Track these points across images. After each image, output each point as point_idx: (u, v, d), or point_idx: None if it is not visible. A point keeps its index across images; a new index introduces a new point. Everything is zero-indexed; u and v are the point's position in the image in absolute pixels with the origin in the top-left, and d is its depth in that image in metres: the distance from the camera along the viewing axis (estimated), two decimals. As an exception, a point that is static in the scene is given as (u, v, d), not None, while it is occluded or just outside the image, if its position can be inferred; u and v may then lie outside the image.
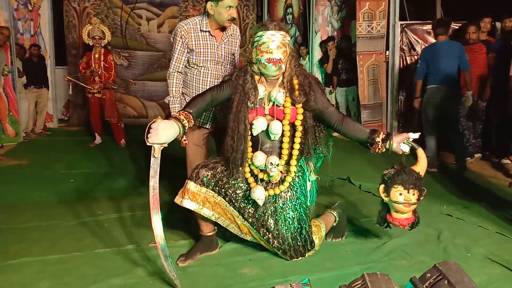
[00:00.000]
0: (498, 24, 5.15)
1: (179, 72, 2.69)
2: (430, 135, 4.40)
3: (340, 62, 6.57)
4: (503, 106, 4.43)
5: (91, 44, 5.80)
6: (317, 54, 7.28)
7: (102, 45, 5.83)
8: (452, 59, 4.24)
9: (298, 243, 2.29)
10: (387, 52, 6.01)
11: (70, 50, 7.84)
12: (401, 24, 5.90)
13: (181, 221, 2.66)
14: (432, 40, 5.91)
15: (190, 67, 2.71)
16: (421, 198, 2.24)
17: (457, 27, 5.75)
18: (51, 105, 7.56)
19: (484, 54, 4.59)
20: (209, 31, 2.66)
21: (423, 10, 6.75)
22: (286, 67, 2.26)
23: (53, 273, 2.17)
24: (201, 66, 2.67)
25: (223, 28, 2.69)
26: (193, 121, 2.09)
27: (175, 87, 2.71)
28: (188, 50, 2.66)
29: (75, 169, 4.58)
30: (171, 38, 2.75)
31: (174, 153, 2.67)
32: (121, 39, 7.95)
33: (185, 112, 2.08)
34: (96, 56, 5.74)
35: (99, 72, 5.72)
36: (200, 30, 2.65)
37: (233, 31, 2.78)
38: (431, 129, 4.42)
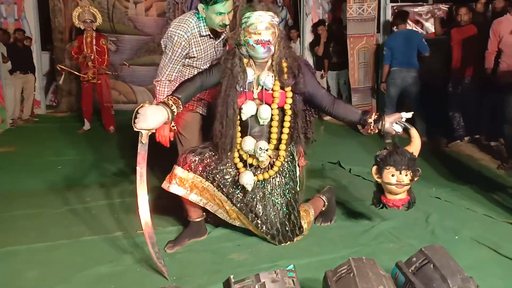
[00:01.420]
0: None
1: (170, 80, 2.54)
2: (390, 111, 4.84)
3: (331, 45, 6.51)
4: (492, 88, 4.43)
5: (82, 28, 5.65)
6: (308, 37, 7.20)
7: (94, 28, 5.69)
8: (411, 45, 4.93)
9: (287, 228, 2.29)
10: (378, 34, 5.96)
11: (56, 35, 7.66)
12: (392, 6, 5.84)
13: (169, 208, 2.64)
14: (422, 21, 5.90)
15: (187, 67, 2.59)
16: (416, 179, 2.22)
17: (446, 8, 5.73)
18: (38, 90, 7.41)
19: (475, 36, 4.55)
20: (208, 35, 2.52)
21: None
22: (275, 49, 2.21)
23: (40, 262, 2.16)
24: (201, 68, 2.55)
25: None
26: (181, 106, 2.04)
27: (164, 96, 2.50)
28: (188, 57, 2.53)
29: (64, 156, 4.53)
30: (163, 43, 2.54)
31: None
32: (108, 23, 7.76)
33: (174, 97, 2.04)
34: (88, 40, 5.61)
35: (92, 57, 5.60)
36: (200, 35, 2.51)
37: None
38: (391, 106, 5.08)
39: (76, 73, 5.82)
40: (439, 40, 5.42)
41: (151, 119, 1.89)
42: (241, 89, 2.24)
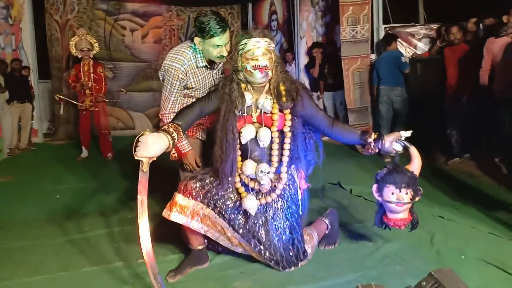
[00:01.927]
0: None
1: (175, 112, 2.48)
2: (384, 129, 5.25)
3: (326, 67, 6.59)
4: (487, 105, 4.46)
5: (79, 57, 5.70)
6: (303, 59, 7.29)
7: (91, 56, 5.75)
8: (393, 65, 5.30)
9: (291, 253, 2.25)
10: (372, 55, 6.04)
11: (54, 64, 7.73)
12: (385, 27, 5.94)
13: (170, 235, 2.59)
14: (415, 42, 6.00)
15: (187, 97, 2.57)
16: (417, 198, 2.19)
17: (436, 28, 5.83)
18: (36, 119, 7.42)
19: (467, 54, 4.62)
20: (205, 65, 2.51)
21: (406, 13, 6.82)
22: (272, 74, 2.23)
23: (38, 297, 2.10)
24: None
25: None
26: (182, 133, 2.04)
27: None
28: (186, 88, 2.51)
29: (62, 184, 4.49)
30: (161, 76, 2.52)
31: (164, 164, 2.61)
32: (105, 51, 7.87)
33: (174, 124, 2.03)
34: (85, 68, 5.66)
35: (90, 85, 5.63)
36: (197, 67, 2.49)
37: None
38: (384, 124, 5.43)
39: (74, 101, 5.83)
40: (432, 59, 5.51)
41: (152, 147, 1.88)
42: (240, 113, 2.24)
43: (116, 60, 8.01)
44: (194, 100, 2.50)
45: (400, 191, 2.16)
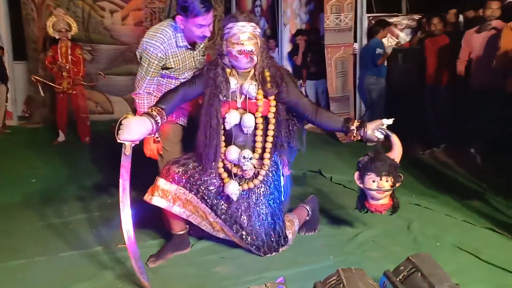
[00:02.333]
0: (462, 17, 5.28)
1: (149, 93, 2.44)
2: (367, 113, 5.60)
3: (309, 55, 6.59)
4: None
5: (57, 38, 5.51)
6: (286, 47, 7.26)
7: (69, 37, 5.57)
8: (370, 54, 5.53)
9: (272, 239, 2.27)
10: (355, 44, 6.06)
11: (30, 44, 7.47)
12: (368, 17, 5.97)
13: (150, 220, 2.56)
14: (397, 32, 6.05)
15: (165, 78, 2.50)
16: (397, 185, 2.23)
17: (418, 18, 5.90)
18: (11, 102, 7.18)
19: (447, 45, 4.69)
20: (186, 45, 2.43)
21: (389, 3, 6.84)
22: (257, 59, 2.21)
23: (16, 280, 2.06)
24: (179, 78, 2.49)
25: None
26: (165, 117, 2.02)
27: (144, 109, 2.41)
28: (165, 67, 2.42)
29: (38, 168, 4.38)
30: (138, 54, 2.41)
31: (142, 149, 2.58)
32: (84, 32, 7.64)
33: (158, 108, 2.00)
34: (63, 49, 5.48)
35: (67, 67, 5.47)
36: (177, 46, 2.40)
37: None
38: (366, 109, 5.80)
39: (51, 84, 5.65)
40: (413, 49, 5.58)
41: (135, 130, 1.85)
42: (224, 99, 2.22)
43: (95, 42, 7.80)
44: (172, 81, 2.47)
45: (381, 179, 2.20)
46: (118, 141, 1.86)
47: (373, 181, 2.21)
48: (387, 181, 2.20)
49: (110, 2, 7.85)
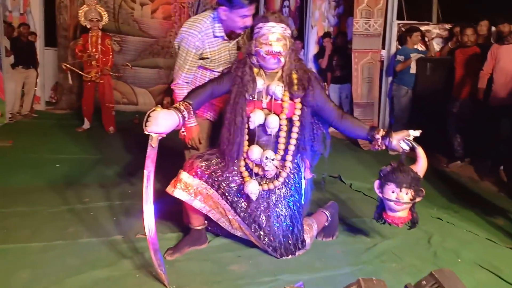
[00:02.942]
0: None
1: (188, 83, 2.46)
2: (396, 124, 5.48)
3: (334, 59, 6.53)
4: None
5: (88, 27, 5.63)
6: (312, 48, 7.22)
7: (100, 27, 5.67)
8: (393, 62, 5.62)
9: (289, 241, 2.26)
10: (382, 51, 5.98)
11: (61, 32, 7.63)
12: (398, 24, 5.88)
13: (169, 213, 2.59)
14: (427, 41, 5.93)
15: (200, 69, 2.51)
16: (418, 199, 2.18)
17: (449, 28, 5.77)
18: (40, 87, 7.35)
19: (478, 58, 4.58)
20: (222, 36, 2.45)
21: (420, 11, 6.74)
22: (285, 61, 2.21)
23: (34, 262, 2.10)
24: (214, 70, 2.50)
25: None
26: (192, 112, 2.04)
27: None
28: (201, 57, 2.45)
29: (62, 153, 4.47)
30: (176, 43, 2.45)
31: (168, 142, 2.60)
32: (114, 23, 7.75)
33: (185, 102, 2.03)
34: (93, 39, 5.59)
35: (97, 56, 5.57)
36: (214, 36, 2.43)
37: None
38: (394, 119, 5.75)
39: (80, 72, 5.77)
40: (443, 60, 5.46)
41: (162, 123, 1.88)
42: (250, 98, 2.22)
43: (124, 33, 7.90)
44: (207, 72, 2.49)
45: (401, 191, 2.15)
46: (146, 132, 1.89)
47: (392, 192, 2.17)
48: (407, 193, 2.15)
49: (141, -5, 7.95)
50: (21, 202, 2.93)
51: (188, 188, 2.15)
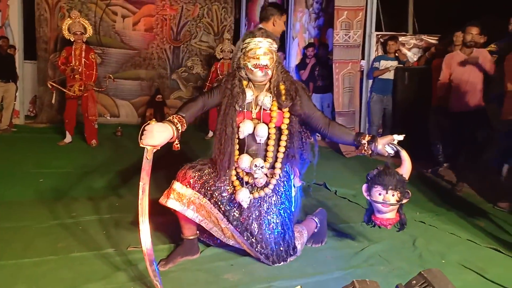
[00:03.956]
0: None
1: None
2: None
3: (316, 69, 6.67)
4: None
5: (72, 40, 5.60)
6: (293, 60, 7.36)
7: (84, 40, 5.65)
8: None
9: (281, 248, 2.31)
10: (362, 61, 6.16)
11: (41, 44, 7.56)
12: (377, 35, 6.07)
13: (161, 225, 2.60)
14: (405, 51, 6.14)
15: None
16: (405, 201, 2.26)
17: (427, 39, 5.99)
18: (19, 100, 7.24)
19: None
20: None
21: (397, 22, 6.95)
22: (272, 73, 2.30)
23: (28, 277, 2.08)
24: None
25: None
26: (185, 125, 2.09)
27: None
28: None
29: (46, 168, 4.41)
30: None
31: (159, 154, 2.62)
32: (95, 35, 7.72)
33: (178, 116, 2.09)
34: (77, 52, 5.55)
35: (80, 70, 5.52)
36: None
37: None
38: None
39: (66, 90, 5.66)
40: (420, 69, 5.66)
41: (157, 136, 1.93)
42: (240, 109, 2.29)
43: (105, 45, 7.89)
44: None
45: (387, 193, 2.23)
46: (141, 145, 1.92)
47: (379, 194, 2.25)
48: (393, 195, 2.24)
49: (123, 7, 7.96)
50: (9, 218, 2.88)
51: (181, 198, 2.18)
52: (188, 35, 8.41)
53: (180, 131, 2.04)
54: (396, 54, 5.87)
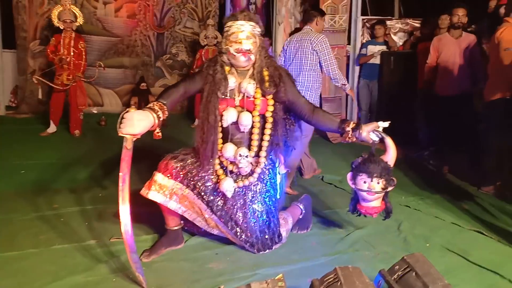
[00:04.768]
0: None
1: None
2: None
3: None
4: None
5: (61, 28, 5.42)
6: (280, 45, 7.27)
7: (74, 28, 5.48)
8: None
9: (266, 236, 2.29)
10: (348, 46, 6.12)
11: (20, 33, 7.32)
12: (362, 19, 6.02)
13: (144, 215, 2.55)
14: (391, 35, 6.12)
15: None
16: (390, 188, 2.25)
17: (413, 23, 5.98)
18: (-2, 90, 7.05)
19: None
20: None
21: (382, 6, 6.92)
22: (256, 58, 2.24)
23: (10, 272, 2.05)
24: None
25: None
26: (167, 113, 2.03)
27: None
28: None
29: (27, 159, 4.30)
30: (326, 47, 3.59)
31: (141, 143, 2.58)
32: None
33: (159, 102, 2.01)
34: (66, 41, 5.37)
35: (68, 59, 5.37)
36: None
37: None
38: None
39: (52, 84, 5.50)
40: (405, 53, 5.66)
41: (137, 124, 1.86)
42: (223, 96, 2.24)
43: (87, 33, 7.63)
44: None
45: (372, 181, 2.22)
46: (120, 134, 1.86)
47: (364, 182, 2.24)
48: (378, 183, 2.22)
49: (104, -7, 7.74)
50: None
51: (163, 189, 2.15)
52: (172, 22, 8.24)
53: (161, 119, 1.98)
54: (386, 39, 5.83)
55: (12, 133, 5.77)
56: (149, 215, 2.52)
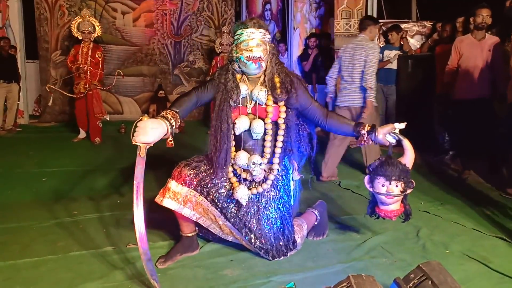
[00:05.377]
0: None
1: None
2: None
3: (319, 60, 6.60)
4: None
5: (80, 38, 5.69)
6: (295, 51, 7.28)
7: (92, 39, 5.72)
8: None
9: (281, 243, 2.28)
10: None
11: (42, 44, 7.56)
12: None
13: (160, 222, 2.58)
14: (408, 39, 6.04)
15: None
16: (409, 191, 2.20)
17: (430, 25, 5.88)
18: (22, 100, 7.26)
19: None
20: None
21: (399, 9, 6.85)
22: (266, 65, 2.24)
23: (26, 279, 2.08)
24: None
25: None
26: (179, 121, 2.05)
27: None
28: None
29: (48, 167, 4.42)
30: (374, 56, 3.85)
31: (157, 151, 2.60)
32: (95, 33, 7.71)
33: (172, 111, 2.03)
34: (84, 50, 5.62)
35: (85, 68, 5.57)
36: None
37: None
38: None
39: (65, 93, 5.81)
40: (423, 56, 5.56)
41: (151, 132, 1.88)
42: (235, 104, 2.24)
43: (106, 43, 7.85)
44: None
45: (390, 184, 2.17)
46: (134, 143, 1.88)
47: (383, 185, 2.19)
48: (396, 186, 2.17)
49: (122, 4, 7.92)
50: (9, 219, 2.89)
51: (177, 196, 2.16)
52: (189, 30, 8.36)
53: (174, 127, 2.00)
54: (401, 43, 5.75)
55: (34, 141, 5.96)
56: (165, 221, 2.54)
